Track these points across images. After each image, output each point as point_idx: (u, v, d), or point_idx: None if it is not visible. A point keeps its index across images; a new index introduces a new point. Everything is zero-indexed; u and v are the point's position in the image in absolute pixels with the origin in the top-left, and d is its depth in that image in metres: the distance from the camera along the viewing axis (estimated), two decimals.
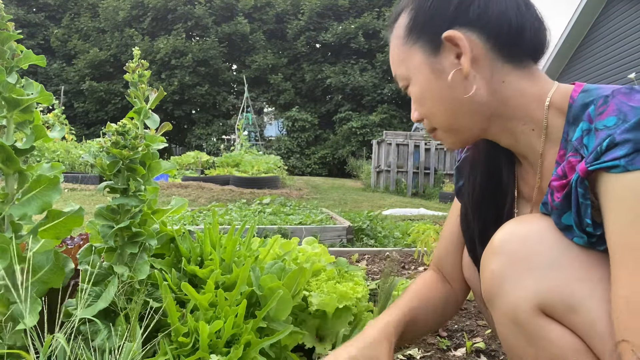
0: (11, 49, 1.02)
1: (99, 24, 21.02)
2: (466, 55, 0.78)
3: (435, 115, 0.85)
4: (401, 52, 0.87)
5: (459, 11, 0.79)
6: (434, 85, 0.83)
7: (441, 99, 0.83)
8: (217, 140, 19.64)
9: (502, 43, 0.79)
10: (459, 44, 0.78)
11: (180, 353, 0.99)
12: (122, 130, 1.07)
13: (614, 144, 0.62)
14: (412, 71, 0.85)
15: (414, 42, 0.84)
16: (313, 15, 20.55)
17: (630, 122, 0.62)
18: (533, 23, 0.80)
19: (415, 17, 0.84)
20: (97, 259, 1.09)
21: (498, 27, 0.78)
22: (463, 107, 0.82)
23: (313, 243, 1.63)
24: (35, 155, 6.81)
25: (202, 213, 3.85)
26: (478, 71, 0.80)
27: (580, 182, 0.68)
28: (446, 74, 0.81)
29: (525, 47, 0.80)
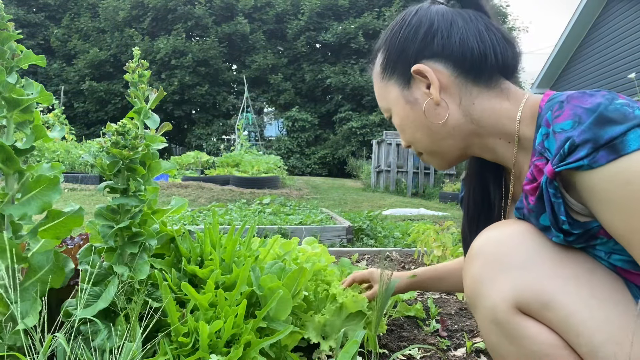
0: (11, 49, 1.02)
1: (99, 24, 21.01)
2: (434, 85, 0.86)
3: (418, 141, 0.95)
4: (380, 88, 0.97)
5: (424, 45, 0.88)
6: (411, 115, 0.92)
7: (418, 127, 0.92)
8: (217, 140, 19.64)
9: (468, 69, 0.86)
10: (427, 75, 0.86)
11: (180, 353, 0.99)
12: (122, 130, 1.07)
13: (575, 146, 0.67)
14: (391, 104, 0.95)
15: (389, 78, 0.94)
16: (313, 15, 20.55)
17: (585, 123, 0.67)
18: (496, 46, 0.86)
19: (387, 55, 0.93)
20: (97, 259, 1.09)
21: (461, 55, 0.85)
22: (440, 132, 0.90)
23: (313, 243, 1.63)
24: (35, 155, 6.81)
25: (202, 213, 3.85)
26: (448, 98, 0.87)
27: (550, 182, 0.72)
28: (419, 104, 0.90)
29: (490, 69, 0.86)
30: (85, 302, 0.99)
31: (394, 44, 0.92)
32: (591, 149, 0.65)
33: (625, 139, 0.64)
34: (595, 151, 0.65)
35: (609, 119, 0.65)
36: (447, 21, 0.87)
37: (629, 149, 0.64)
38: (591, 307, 0.70)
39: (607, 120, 0.65)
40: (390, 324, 1.56)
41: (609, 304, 0.70)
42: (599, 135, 0.65)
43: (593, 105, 0.68)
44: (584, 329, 0.69)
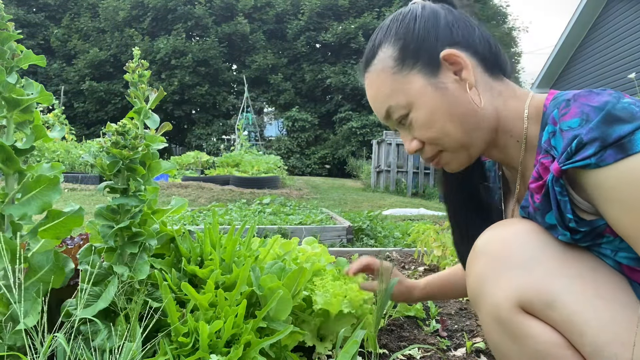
0: (11, 49, 1.02)
1: (99, 24, 21.00)
2: (467, 69, 0.83)
3: (447, 134, 0.86)
4: (394, 82, 0.87)
5: (446, 33, 0.85)
6: (442, 104, 0.84)
7: (451, 116, 0.84)
8: (217, 140, 19.63)
9: (487, 61, 0.86)
10: (458, 60, 0.83)
11: (180, 353, 0.99)
12: (122, 130, 1.07)
13: (582, 144, 0.67)
14: (414, 96, 0.86)
15: (410, 68, 0.86)
16: (313, 15, 20.54)
17: (593, 121, 0.66)
18: (499, 45, 0.88)
19: (404, 46, 0.87)
20: (97, 259, 1.09)
21: (481, 46, 0.86)
22: (472, 122, 0.84)
23: (313, 243, 1.63)
24: (35, 155, 6.81)
25: (202, 213, 3.85)
26: (476, 85, 0.84)
27: (556, 180, 0.71)
28: (450, 91, 0.84)
29: (501, 66, 0.88)
30: (85, 302, 0.99)
31: (411, 34, 0.86)
32: (599, 147, 0.65)
33: (633, 138, 0.64)
34: (603, 150, 0.65)
35: (617, 117, 0.65)
36: (458, 16, 0.87)
37: (637, 148, 0.63)
38: (596, 307, 0.69)
39: (615, 119, 0.65)
40: (390, 324, 1.56)
41: (614, 304, 0.70)
42: (607, 133, 0.65)
43: (601, 104, 0.67)
44: (588, 329, 0.68)
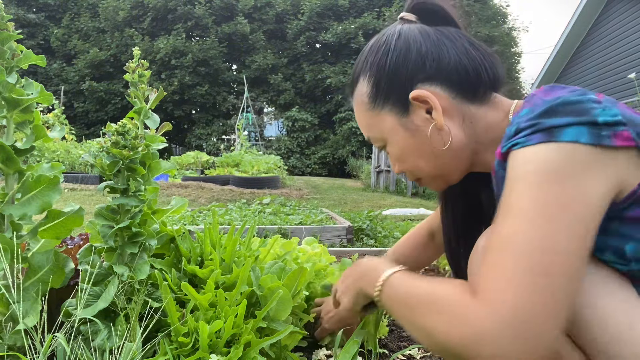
0: (11, 49, 1.02)
1: (99, 24, 21.01)
2: (437, 110, 0.83)
3: (419, 168, 0.91)
4: (370, 118, 0.91)
5: (417, 69, 0.84)
6: (412, 143, 0.88)
7: (421, 154, 0.88)
8: (217, 140, 19.63)
9: (464, 88, 0.84)
10: (428, 100, 0.83)
11: (180, 353, 0.99)
12: (122, 130, 1.07)
13: (519, 129, 0.70)
14: (387, 133, 0.90)
15: (381, 107, 0.88)
16: (313, 15, 20.55)
17: (536, 112, 0.69)
18: (485, 61, 0.86)
19: (376, 83, 0.88)
20: (97, 259, 1.09)
21: (457, 75, 0.84)
22: (444, 156, 0.87)
23: (313, 243, 1.63)
24: (35, 155, 6.81)
25: (202, 213, 3.85)
26: (449, 120, 0.85)
27: (499, 164, 0.75)
28: (421, 131, 0.86)
29: (484, 85, 0.85)
30: (85, 302, 0.99)
31: (383, 70, 0.87)
32: (530, 131, 0.68)
33: (564, 130, 0.65)
34: (533, 133, 0.67)
35: (558, 111, 0.67)
36: (434, 42, 0.85)
37: (561, 137, 0.65)
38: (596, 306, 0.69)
39: (557, 112, 0.67)
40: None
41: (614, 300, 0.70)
42: (542, 122, 0.67)
43: (551, 98, 0.69)
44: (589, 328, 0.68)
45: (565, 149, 0.64)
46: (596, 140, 0.64)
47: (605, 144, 0.64)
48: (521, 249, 0.63)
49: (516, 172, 0.68)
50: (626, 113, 0.67)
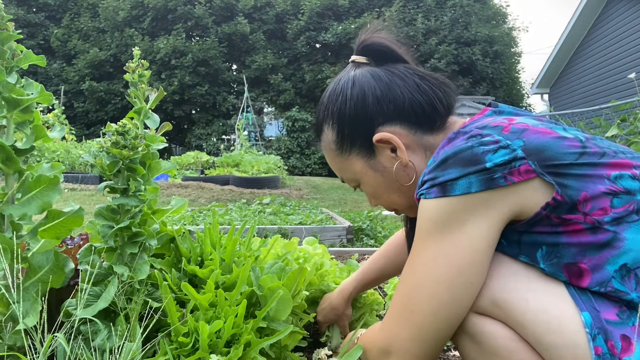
0: (11, 49, 1.02)
1: (99, 24, 20.99)
2: (400, 149, 0.89)
3: (392, 202, 0.98)
4: (340, 163, 0.98)
5: (376, 113, 0.90)
6: (382, 182, 0.94)
7: (393, 190, 0.95)
8: (217, 140, 19.62)
9: (422, 122, 0.90)
10: (390, 141, 0.89)
11: (180, 353, 0.99)
12: (122, 130, 1.07)
13: (423, 181, 0.79)
14: (358, 175, 0.96)
15: (349, 152, 0.95)
16: (313, 15, 20.54)
17: (434, 164, 0.77)
18: (437, 92, 0.91)
19: (340, 131, 0.94)
20: (97, 259, 1.09)
21: (413, 112, 0.89)
22: (413, 188, 0.90)
23: (313, 243, 1.63)
24: (35, 155, 6.81)
25: (202, 213, 3.85)
26: (413, 154, 0.91)
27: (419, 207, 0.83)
28: (388, 169, 0.92)
29: (440, 115, 0.90)
30: (85, 302, 0.99)
31: (344, 119, 0.92)
32: (429, 185, 0.77)
33: (456, 184, 0.73)
34: (431, 187, 0.76)
35: (451, 163, 0.74)
36: (387, 84, 0.90)
37: (453, 192, 0.74)
38: (527, 300, 0.74)
39: (449, 165, 0.74)
40: None
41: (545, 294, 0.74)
42: (437, 176, 0.76)
43: (449, 149, 0.76)
44: (525, 321, 0.73)
45: (454, 203, 0.74)
46: (488, 185, 0.72)
47: (499, 185, 0.72)
48: (402, 290, 0.81)
49: (418, 222, 0.79)
50: (532, 142, 0.73)
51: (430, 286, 0.77)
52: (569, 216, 0.72)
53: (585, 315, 0.70)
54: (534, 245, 0.76)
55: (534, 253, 0.76)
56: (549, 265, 0.75)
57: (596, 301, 0.71)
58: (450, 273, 0.76)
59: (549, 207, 0.72)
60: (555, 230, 0.73)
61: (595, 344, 0.68)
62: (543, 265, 0.75)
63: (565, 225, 0.72)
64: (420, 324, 0.78)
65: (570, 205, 0.71)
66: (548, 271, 0.75)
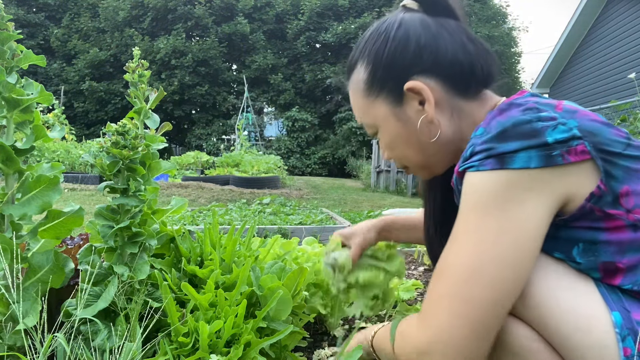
0: (11, 49, 1.02)
1: (99, 24, 21.00)
2: (429, 103, 0.84)
3: (407, 158, 0.94)
4: (364, 105, 0.93)
5: (414, 61, 0.85)
6: (402, 132, 0.90)
7: (410, 144, 0.90)
8: (217, 140, 19.63)
9: (457, 83, 0.86)
10: (421, 92, 0.84)
11: (180, 353, 0.99)
12: (122, 130, 1.07)
13: (474, 152, 0.72)
14: (379, 121, 0.92)
15: (376, 95, 0.90)
16: (313, 15, 20.55)
17: (490, 134, 0.71)
18: (480, 58, 0.86)
19: (373, 71, 0.89)
20: (97, 259, 1.09)
21: (451, 70, 0.85)
22: (432, 148, 0.89)
23: (313, 243, 1.63)
24: (35, 155, 6.81)
25: (202, 213, 3.85)
26: (440, 114, 0.86)
27: (457, 181, 0.77)
28: (412, 121, 0.88)
29: (477, 81, 0.87)
30: (85, 302, 0.99)
31: (380, 59, 0.88)
32: (484, 156, 0.71)
33: (515, 156, 0.68)
34: (487, 158, 0.70)
35: (511, 135, 0.69)
36: (434, 35, 0.86)
37: (513, 164, 0.68)
38: (556, 298, 0.71)
39: (509, 136, 0.69)
40: None
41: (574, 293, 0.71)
42: (495, 147, 0.70)
43: (505, 119, 0.71)
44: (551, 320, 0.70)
45: (513, 177, 0.68)
46: (546, 162, 0.67)
47: (557, 163, 0.68)
48: (450, 278, 0.71)
49: (467, 197, 0.72)
50: (584, 124, 0.69)
51: (493, 270, 0.68)
52: (612, 211, 0.69)
53: (615, 315, 0.67)
54: (570, 241, 0.72)
55: (569, 250, 0.73)
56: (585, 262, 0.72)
57: (626, 301, 0.69)
58: (515, 255, 0.68)
59: (593, 197, 0.69)
60: (595, 226, 0.70)
61: (625, 344, 0.66)
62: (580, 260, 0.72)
63: (608, 220, 0.69)
64: (480, 317, 0.68)
65: (612, 198, 0.69)
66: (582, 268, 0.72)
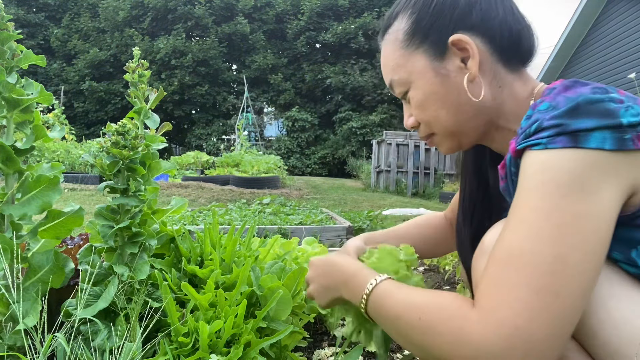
0: (11, 49, 1.02)
1: (99, 24, 21.01)
2: (474, 59, 0.79)
3: (438, 120, 0.85)
4: (400, 57, 0.86)
5: (463, 15, 0.80)
6: (439, 90, 0.82)
7: (445, 104, 0.83)
8: (217, 140, 19.64)
9: (502, 48, 0.80)
10: (467, 47, 0.79)
11: (180, 353, 0.99)
12: (122, 130, 1.07)
13: (541, 127, 0.65)
14: (414, 76, 0.84)
15: (416, 46, 0.83)
16: (313, 15, 20.56)
17: (560, 109, 0.65)
18: (526, 30, 0.82)
19: (417, 21, 0.83)
20: (97, 259, 1.09)
21: (500, 33, 0.80)
22: (467, 112, 0.82)
23: (313, 243, 1.63)
24: (35, 155, 6.81)
25: (202, 213, 3.85)
26: (482, 76, 0.80)
27: (513, 160, 0.71)
28: (451, 78, 0.81)
29: (521, 53, 0.82)
30: (85, 302, 0.99)
31: (427, 9, 0.82)
32: (554, 132, 0.64)
33: (590, 135, 0.62)
34: (558, 135, 0.63)
35: (584, 112, 0.63)
36: None
37: (587, 144, 0.61)
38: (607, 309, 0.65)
39: (582, 113, 0.63)
40: None
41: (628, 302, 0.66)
42: (567, 123, 0.63)
43: (575, 95, 0.65)
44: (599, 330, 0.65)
45: (589, 157, 0.61)
46: (619, 145, 0.61)
47: (629, 147, 0.62)
48: (529, 266, 0.60)
49: (533, 178, 0.64)
50: None
51: (579, 258, 0.59)
52: None
53: None
54: (630, 242, 0.66)
55: (628, 251, 0.67)
56: None
57: None
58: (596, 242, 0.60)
59: None
60: None
61: None
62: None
63: None
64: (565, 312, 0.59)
65: None
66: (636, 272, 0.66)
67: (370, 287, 0.78)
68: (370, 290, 0.78)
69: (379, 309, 0.76)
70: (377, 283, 0.78)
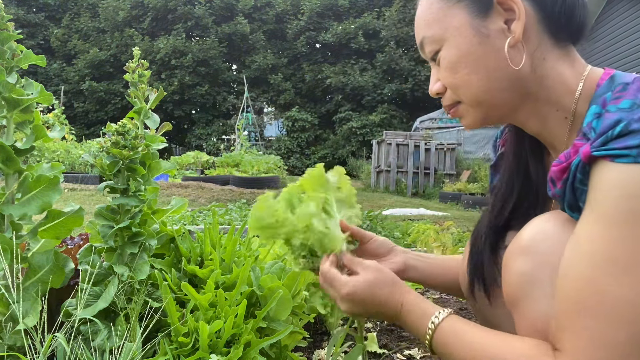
0: (11, 49, 1.02)
1: (99, 24, 21.02)
2: (519, 22, 0.71)
3: (469, 85, 0.76)
4: (438, 10, 0.77)
5: None
6: (475, 50, 0.74)
7: (480, 67, 0.75)
8: (217, 140, 19.64)
9: (552, 17, 0.73)
10: (513, 8, 0.72)
11: (180, 353, 0.99)
12: (122, 130, 1.07)
13: (628, 130, 0.55)
14: (451, 32, 0.76)
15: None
16: (313, 15, 20.56)
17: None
18: (580, 5, 0.75)
19: None
20: (97, 259, 1.09)
21: (550, 2, 0.73)
22: (502, 80, 0.75)
23: None
24: (35, 155, 6.81)
25: (202, 213, 3.85)
26: (525, 43, 0.73)
27: (582, 167, 0.61)
28: (491, 40, 0.73)
29: (572, 27, 0.74)
30: (85, 302, 0.99)
31: None
32: None
33: None
34: None
35: None
36: None
37: None
38: None
39: None
40: (390, 323, 1.56)
41: None
42: None
43: None
44: None
45: None
46: None
47: None
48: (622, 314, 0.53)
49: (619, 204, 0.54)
50: None
51: None
52: None
53: None
54: None
55: None
56: None
57: None
58: None
59: None
60: None
61: None
62: None
63: None
64: None
65: None
66: None
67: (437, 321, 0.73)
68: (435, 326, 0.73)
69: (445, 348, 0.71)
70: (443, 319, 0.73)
